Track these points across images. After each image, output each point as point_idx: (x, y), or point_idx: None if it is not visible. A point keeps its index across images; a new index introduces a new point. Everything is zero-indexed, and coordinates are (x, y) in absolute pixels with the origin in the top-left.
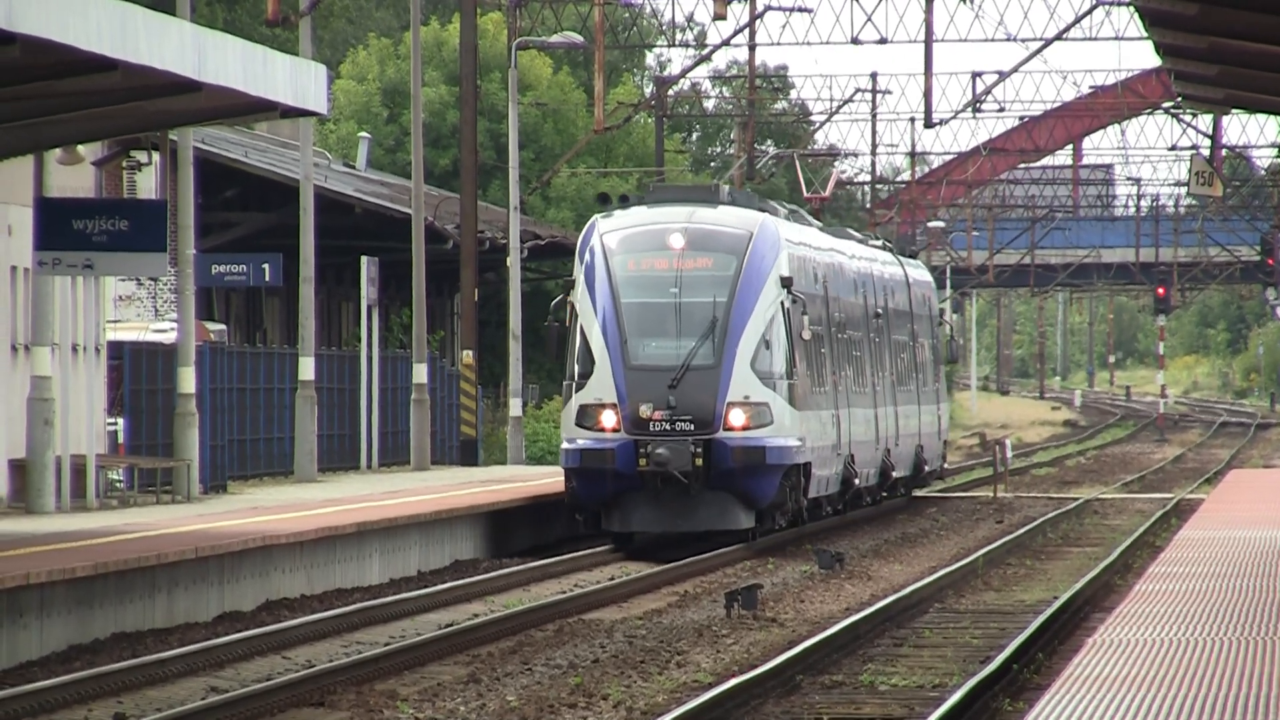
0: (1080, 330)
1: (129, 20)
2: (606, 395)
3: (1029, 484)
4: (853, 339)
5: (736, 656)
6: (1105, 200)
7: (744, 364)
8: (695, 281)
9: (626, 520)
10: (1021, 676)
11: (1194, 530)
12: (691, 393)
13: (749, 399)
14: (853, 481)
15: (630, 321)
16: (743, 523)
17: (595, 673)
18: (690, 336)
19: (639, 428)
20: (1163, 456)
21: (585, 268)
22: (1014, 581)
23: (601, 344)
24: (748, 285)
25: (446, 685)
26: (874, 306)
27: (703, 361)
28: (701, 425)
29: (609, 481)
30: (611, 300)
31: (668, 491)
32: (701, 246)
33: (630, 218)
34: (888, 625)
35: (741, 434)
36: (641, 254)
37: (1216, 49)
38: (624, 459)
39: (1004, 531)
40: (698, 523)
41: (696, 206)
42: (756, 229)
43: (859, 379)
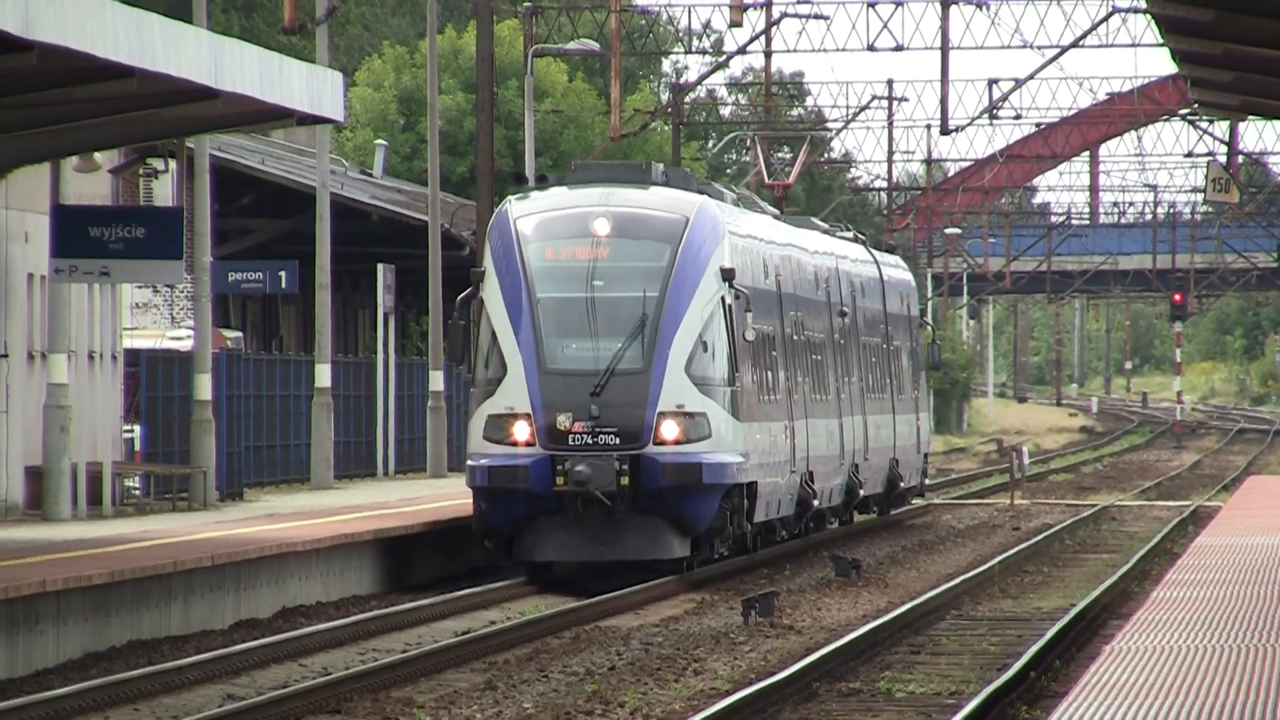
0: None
1: (146, 27)
2: (519, 404)
3: (1046, 490)
4: (813, 340)
5: (753, 664)
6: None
7: (678, 368)
8: (622, 273)
9: (542, 548)
10: (1039, 684)
11: (1211, 537)
12: (617, 401)
13: (683, 408)
14: (810, 502)
15: (546, 319)
16: (676, 551)
17: (612, 680)
18: (616, 336)
19: (556, 441)
20: (1180, 463)
21: (495, 257)
22: (1031, 589)
23: (513, 345)
24: (683, 277)
25: (463, 692)
26: (840, 305)
27: (630, 365)
28: (628, 439)
29: (521, 503)
30: (525, 294)
31: (589, 515)
32: (629, 233)
33: (548, 200)
34: (905, 632)
35: (674, 449)
36: (560, 241)
37: (1232, 55)
38: (539, 477)
39: (1021, 538)
40: (624, 551)
41: (624, 187)
42: (693, 213)
43: (820, 386)
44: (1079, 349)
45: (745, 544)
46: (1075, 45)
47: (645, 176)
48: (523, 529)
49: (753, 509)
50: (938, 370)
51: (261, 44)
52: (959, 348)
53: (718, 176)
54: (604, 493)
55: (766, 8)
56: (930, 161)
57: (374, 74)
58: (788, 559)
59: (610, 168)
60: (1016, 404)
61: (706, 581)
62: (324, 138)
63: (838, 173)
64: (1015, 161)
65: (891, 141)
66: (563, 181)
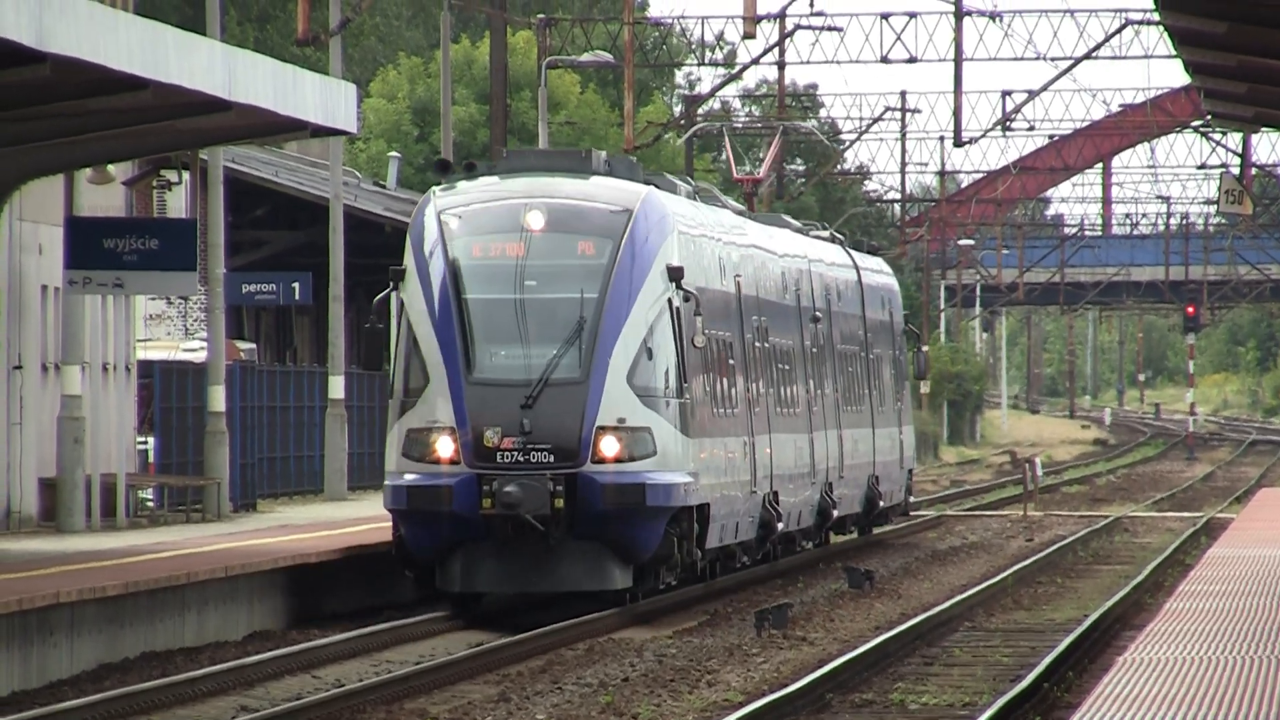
0: (1110, 348)
1: (160, 39)
2: (442, 417)
3: (1059, 502)
4: (780, 348)
5: (767, 675)
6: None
7: (619, 378)
8: (557, 272)
9: (467, 578)
10: (1052, 695)
11: (1224, 549)
12: (551, 415)
13: (625, 423)
14: (774, 525)
15: (474, 323)
16: (617, 581)
17: (625, 691)
18: (550, 343)
19: (483, 459)
20: (1192, 475)
21: (417, 254)
22: (1044, 600)
23: (435, 352)
24: (625, 277)
25: (477, 704)
26: (812, 309)
27: (565, 375)
28: (563, 456)
29: (444, 528)
30: (450, 296)
31: (520, 541)
32: (567, 227)
33: (476, 191)
34: (918, 644)
35: (615, 468)
36: (489, 236)
37: (1246, 67)
38: (464, 499)
39: (1034, 550)
40: (559, 581)
41: (562, 177)
42: (638, 206)
43: (787, 398)
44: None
45: (696, 571)
46: (1088, 57)
47: (585, 165)
48: (446, 557)
49: (704, 534)
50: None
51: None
52: (972, 359)
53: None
54: (536, 516)
55: (780, 19)
56: (944, 173)
57: (388, 85)
58: (757, 583)
59: (546, 155)
60: (1030, 416)
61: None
62: (337, 149)
63: (851, 184)
64: (1028, 173)
65: (905, 153)
66: (493, 170)
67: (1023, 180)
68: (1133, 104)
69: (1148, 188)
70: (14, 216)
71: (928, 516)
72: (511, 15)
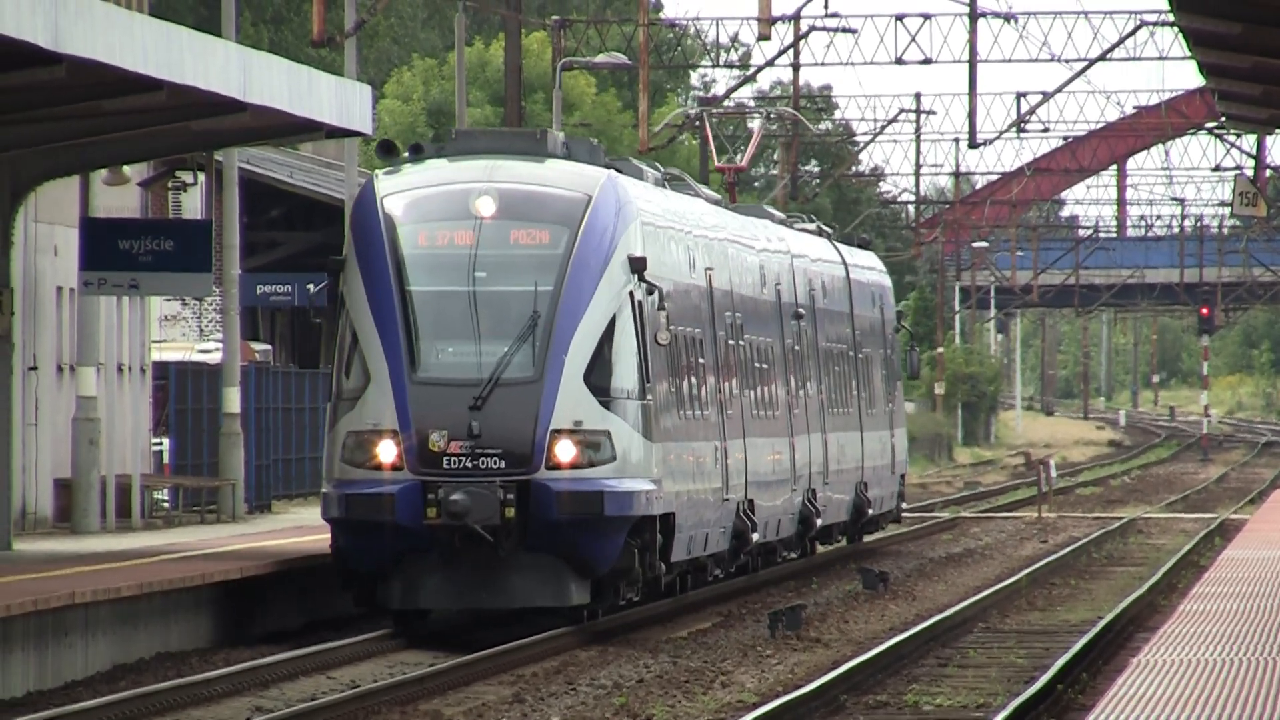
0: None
1: (175, 40)
2: (384, 420)
3: (1073, 504)
4: (757, 346)
5: (781, 676)
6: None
7: (575, 378)
8: (509, 263)
9: (410, 594)
10: (1066, 696)
11: (1238, 550)
12: (502, 417)
13: (582, 426)
14: (748, 535)
15: (419, 317)
16: (573, 597)
17: (640, 693)
18: (501, 339)
19: (429, 465)
20: (1206, 476)
21: (359, 244)
22: (1058, 601)
23: (378, 349)
24: (582, 268)
25: (491, 705)
26: (794, 306)
27: (518, 374)
28: (515, 462)
29: (386, 539)
30: (392, 288)
31: (469, 554)
32: (520, 214)
33: (423, 174)
34: (932, 645)
35: (571, 474)
36: (436, 224)
37: (1260, 69)
38: (407, 508)
39: (1048, 551)
40: (511, 597)
41: (515, 160)
42: (597, 192)
43: (764, 399)
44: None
45: (660, 587)
46: (1102, 58)
47: (540, 147)
48: (388, 570)
49: (669, 545)
50: (915, 379)
51: (290, 57)
52: (987, 361)
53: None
54: (485, 527)
55: (794, 21)
56: (958, 174)
57: (402, 87)
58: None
59: (499, 136)
60: (1044, 417)
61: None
62: (353, 150)
63: (866, 186)
64: (1043, 175)
65: (919, 154)
66: (442, 152)
67: (1037, 182)
68: (1147, 106)
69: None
70: (29, 218)
71: (942, 518)
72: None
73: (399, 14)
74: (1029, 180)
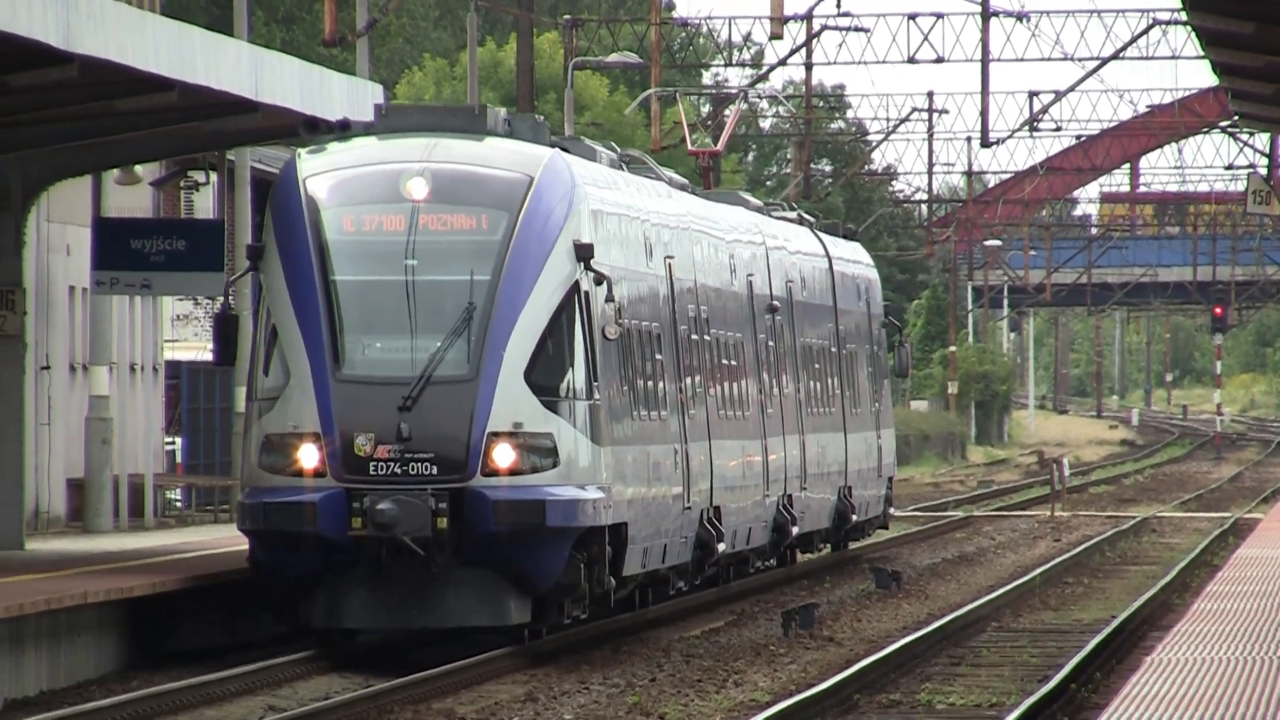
0: (1137, 349)
1: (186, 40)
2: (304, 421)
3: (1086, 502)
4: (725, 341)
5: (794, 675)
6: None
7: (514, 375)
8: (444, 250)
9: (333, 612)
10: (1079, 695)
11: (1252, 549)
12: (434, 418)
13: (522, 428)
14: (713, 545)
15: (344, 310)
16: (512, 616)
17: (653, 691)
18: (434, 333)
19: (354, 471)
20: (1219, 475)
21: (279, 229)
22: (1071, 600)
23: (299, 344)
24: (523, 256)
25: (504, 704)
26: (769, 298)
27: (452, 371)
28: (449, 468)
29: (307, 552)
30: (315, 278)
31: (397, 569)
32: (455, 197)
33: (350, 154)
34: (945, 644)
35: (510, 481)
36: (363, 208)
37: (1273, 68)
38: (330, 518)
39: (1061, 550)
40: (443, 616)
41: (452, 138)
42: (540, 172)
43: (733, 398)
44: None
45: (611, 603)
46: (1115, 57)
47: (479, 124)
48: (310, 586)
49: (620, 559)
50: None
51: (303, 56)
52: (1000, 360)
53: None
54: (415, 539)
55: (807, 20)
56: (970, 173)
57: (414, 86)
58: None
59: (433, 112)
60: (1057, 416)
61: (730, 599)
62: None
63: (878, 185)
64: (1055, 174)
65: (932, 153)
66: (371, 130)
67: (1050, 181)
68: (1160, 104)
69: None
70: (42, 217)
71: (955, 517)
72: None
73: (411, 13)
74: (1041, 179)
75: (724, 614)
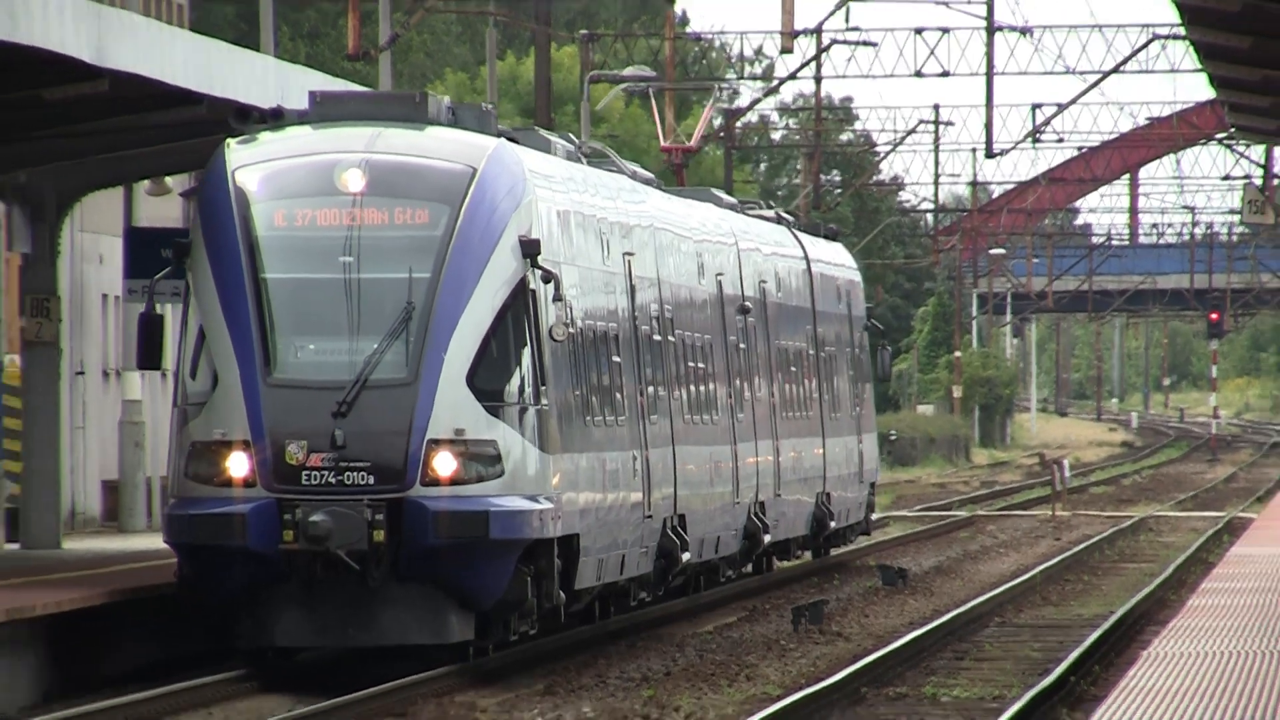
0: (1136, 354)
1: (213, 55)
2: (233, 428)
3: (1086, 502)
4: (691, 343)
5: (803, 669)
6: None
7: (456, 379)
8: (381, 246)
9: (264, 629)
10: (1079, 688)
11: (1246, 547)
12: (371, 425)
13: (464, 435)
14: (677, 555)
15: (275, 310)
16: (454, 633)
17: (667, 685)
18: (370, 335)
19: (286, 481)
20: (1215, 476)
21: (206, 224)
22: (1072, 596)
23: (227, 346)
24: (465, 253)
25: (524, 697)
26: (739, 298)
27: (389, 375)
28: (386, 477)
29: (236, 566)
30: (244, 276)
31: (332, 584)
32: (393, 189)
33: (282, 144)
34: (949, 639)
35: (451, 491)
36: (295, 201)
37: (1270, 82)
38: (260, 531)
39: (1062, 548)
40: (381, 634)
41: (391, 128)
42: (484, 163)
43: (700, 402)
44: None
45: (563, 617)
46: (1116, 71)
47: (419, 113)
48: (240, 603)
49: (572, 571)
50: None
51: (326, 70)
52: (1003, 364)
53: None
54: (350, 553)
55: (817, 34)
56: (975, 184)
57: None
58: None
59: (372, 100)
60: (1058, 419)
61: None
62: None
63: (886, 195)
64: (1057, 184)
65: (938, 164)
66: (305, 119)
67: (1052, 191)
68: (1159, 117)
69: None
70: (75, 228)
71: (960, 516)
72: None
73: (432, 29)
74: (1044, 189)
75: (736, 610)
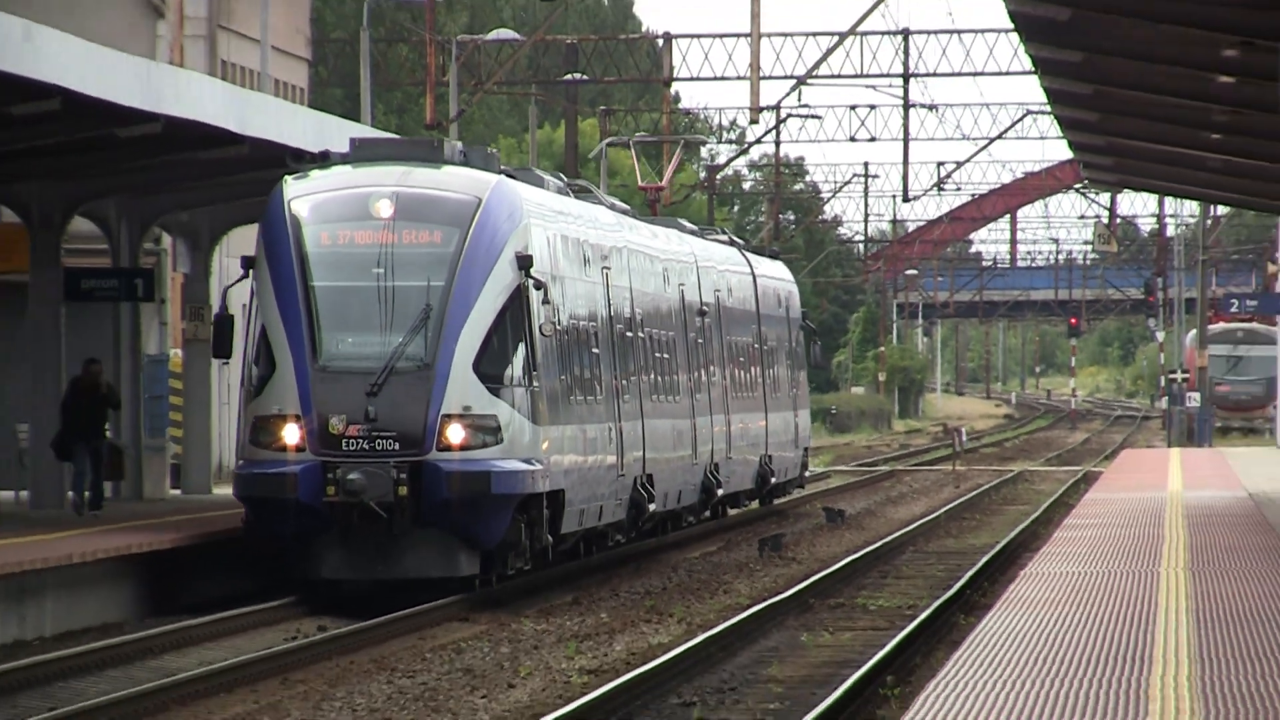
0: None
1: (325, 125)
2: (288, 405)
3: (978, 460)
4: (656, 338)
5: (766, 585)
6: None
7: (464, 366)
8: (405, 260)
9: (312, 566)
10: (973, 599)
11: (1097, 493)
12: (397, 402)
13: (471, 410)
14: (645, 506)
15: (321, 310)
16: (463, 569)
17: (664, 597)
18: (397, 330)
19: (329, 447)
20: (1074, 440)
21: (268, 243)
22: (967, 531)
23: (283, 339)
24: (472, 265)
25: (558, 607)
26: (698, 304)
27: (412, 362)
28: (409, 444)
29: (289, 515)
30: (296, 283)
31: (365, 529)
32: (416, 216)
33: (328, 179)
34: (876, 563)
35: (460, 455)
36: (339, 224)
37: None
38: (309, 487)
39: (960, 495)
40: (405, 569)
41: (414, 166)
42: (487, 194)
43: (665, 384)
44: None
45: (549, 557)
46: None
47: (437, 155)
48: (293, 545)
49: (559, 519)
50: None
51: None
52: (916, 357)
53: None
54: (380, 504)
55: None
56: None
57: None
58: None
59: (399, 144)
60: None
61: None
62: None
63: (829, 230)
64: (957, 222)
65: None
66: (346, 159)
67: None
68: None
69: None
70: (223, 254)
71: (883, 470)
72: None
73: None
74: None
75: (717, 541)
